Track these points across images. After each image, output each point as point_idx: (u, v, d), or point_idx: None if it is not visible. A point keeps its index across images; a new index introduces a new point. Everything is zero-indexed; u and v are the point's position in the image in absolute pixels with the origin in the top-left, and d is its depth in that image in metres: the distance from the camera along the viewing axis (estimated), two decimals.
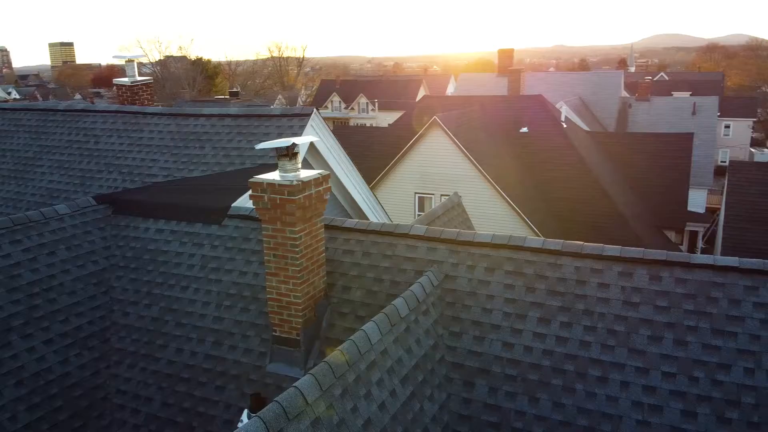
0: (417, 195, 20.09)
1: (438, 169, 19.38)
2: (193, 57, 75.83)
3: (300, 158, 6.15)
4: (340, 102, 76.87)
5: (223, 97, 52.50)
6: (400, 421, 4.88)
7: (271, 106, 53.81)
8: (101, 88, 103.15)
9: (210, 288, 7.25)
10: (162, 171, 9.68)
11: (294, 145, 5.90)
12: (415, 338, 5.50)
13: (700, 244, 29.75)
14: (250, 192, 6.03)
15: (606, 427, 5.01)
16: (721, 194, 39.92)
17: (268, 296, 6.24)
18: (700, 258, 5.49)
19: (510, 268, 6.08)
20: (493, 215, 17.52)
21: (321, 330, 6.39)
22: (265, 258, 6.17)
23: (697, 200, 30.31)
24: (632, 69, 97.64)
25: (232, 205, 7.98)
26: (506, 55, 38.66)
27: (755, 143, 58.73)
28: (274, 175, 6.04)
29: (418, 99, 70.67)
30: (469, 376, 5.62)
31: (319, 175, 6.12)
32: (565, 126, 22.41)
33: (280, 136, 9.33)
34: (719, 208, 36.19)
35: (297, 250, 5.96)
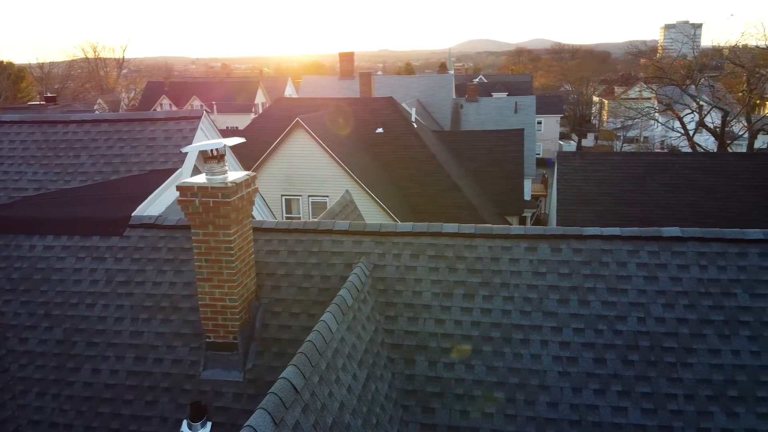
0: (284, 197, 20.10)
1: (304, 170, 19.59)
2: None
3: (225, 161, 6.14)
4: (170, 105, 72.78)
5: (37, 103, 47.06)
6: (364, 401, 5.20)
7: (95, 111, 49.30)
8: None
9: (121, 303, 6.88)
10: (32, 184, 8.80)
11: (225, 146, 5.89)
12: (360, 325, 5.84)
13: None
14: (178, 197, 5.89)
15: (534, 381, 5.77)
16: (541, 183, 45.14)
17: (201, 302, 6.14)
18: (590, 230, 6.52)
19: (432, 252, 6.66)
20: (361, 212, 18.18)
21: (255, 331, 6.43)
22: (196, 264, 6.06)
23: (525, 189, 33.86)
24: (452, 72, 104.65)
25: (133, 215, 7.61)
26: (347, 58, 39.78)
27: (562, 136, 66.93)
28: (200, 179, 5.97)
29: (257, 101, 69.73)
30: (408, 354, 6.08)
31: (247, 177, 6.17)
32: (416, 126, 23.88)
33: (168, 140, 9.02)
34: (543, 195, 40.88)
35: (232, 252, 5.96)
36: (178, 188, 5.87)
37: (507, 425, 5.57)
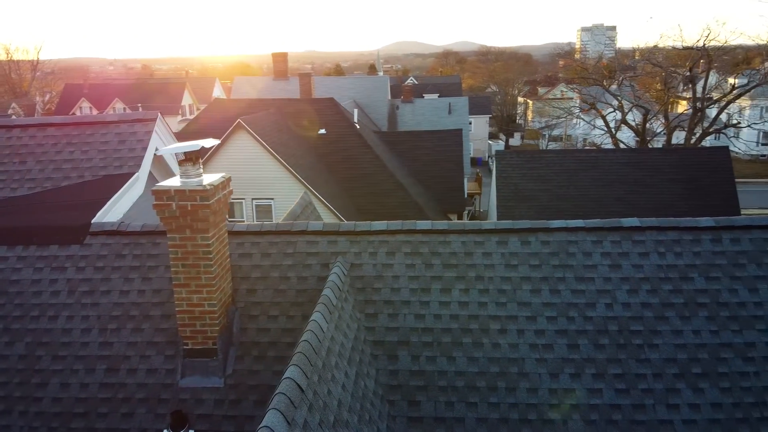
0: None
1: (247, 173, 19.21)
2: None
3: (199, 165, 6.03)
4: (90, 108, 69.42)
5: None
6: (357, 398, 5.27)
7: (12, 116, 46.48)
8: None
9: (86, 313, 6.61)
10: None
11: (203, 149, 5.79)
12: (345, 323, 5.89)
13: None
14: (153, 201, 5.73)
15: (513, 369, 6.01)
16: (475, 181, 46.34)
17: (178, 309, 6.00)
18: (556, 223, 6.85)
19: (408, 249, 6.79)
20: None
21: (233, 336, 6.34)
22: (173, 269, 5.93)
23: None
24: (381, 73, 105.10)
25: (93, 221, 7.32)
26: (281, 59, 39.35)
27: (491, 136, 68.88)
28: (175, 182, 5.85)
29: (183, 103, 67.65)
30: (391, 350, 6.18)
31: (223, 179, 6.08)
32: (358, 127, 23.99)
33: (122, 143, 8.74)
34: (477, 193, 41.95)
35: (210, 256, 5.87)
36: (154, 192, 5.71)
37: (491, 413, 5.78)
